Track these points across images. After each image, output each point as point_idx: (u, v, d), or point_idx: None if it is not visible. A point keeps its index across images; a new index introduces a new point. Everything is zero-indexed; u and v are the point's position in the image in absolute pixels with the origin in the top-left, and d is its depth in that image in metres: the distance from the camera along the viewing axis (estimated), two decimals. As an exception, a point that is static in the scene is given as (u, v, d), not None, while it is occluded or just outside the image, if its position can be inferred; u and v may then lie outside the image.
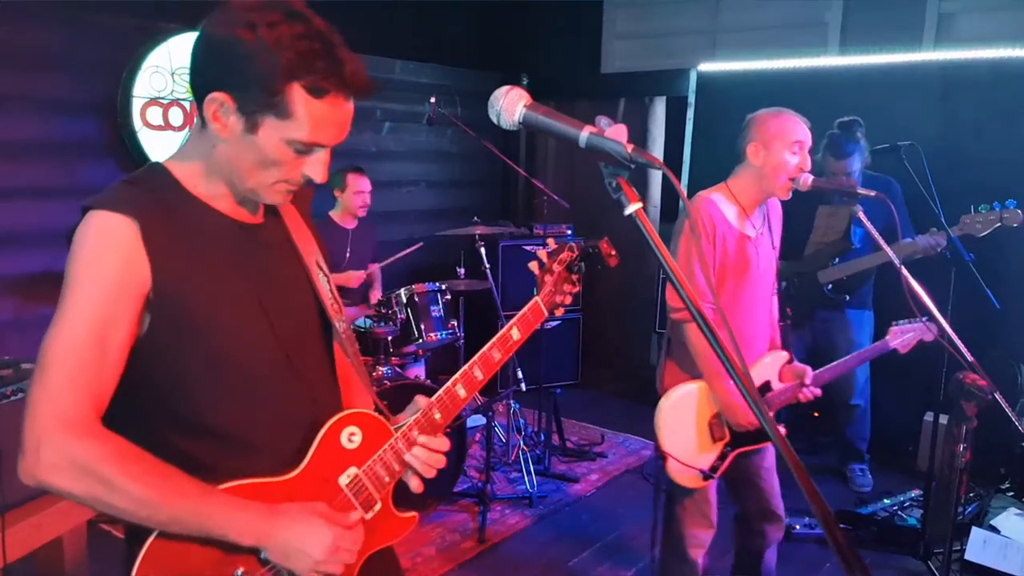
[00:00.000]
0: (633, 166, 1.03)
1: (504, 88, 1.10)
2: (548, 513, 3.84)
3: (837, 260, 3.85)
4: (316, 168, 1.24)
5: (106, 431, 1.14)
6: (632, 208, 1.04)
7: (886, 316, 3.86)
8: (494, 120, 1.11)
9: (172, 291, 1.18)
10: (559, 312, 1.62)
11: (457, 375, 1.48)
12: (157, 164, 1.28)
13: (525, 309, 1.57)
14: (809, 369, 2.54)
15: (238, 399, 1.27)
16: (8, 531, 2.29)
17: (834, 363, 2.63)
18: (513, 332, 1.54)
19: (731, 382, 2.37)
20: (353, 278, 4.18)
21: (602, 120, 1.05)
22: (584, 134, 1.05)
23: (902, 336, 2.59)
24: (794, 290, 3.96)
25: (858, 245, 3.79)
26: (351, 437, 1.37)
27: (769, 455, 2.67)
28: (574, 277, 1.62)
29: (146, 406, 1.23)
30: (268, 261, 1.33)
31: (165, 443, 1.20)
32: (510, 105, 1.09)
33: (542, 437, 4.41)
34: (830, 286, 3.86)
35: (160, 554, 1.18)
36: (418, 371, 4.30)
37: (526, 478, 4.02)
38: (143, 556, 1.17)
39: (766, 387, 2.56)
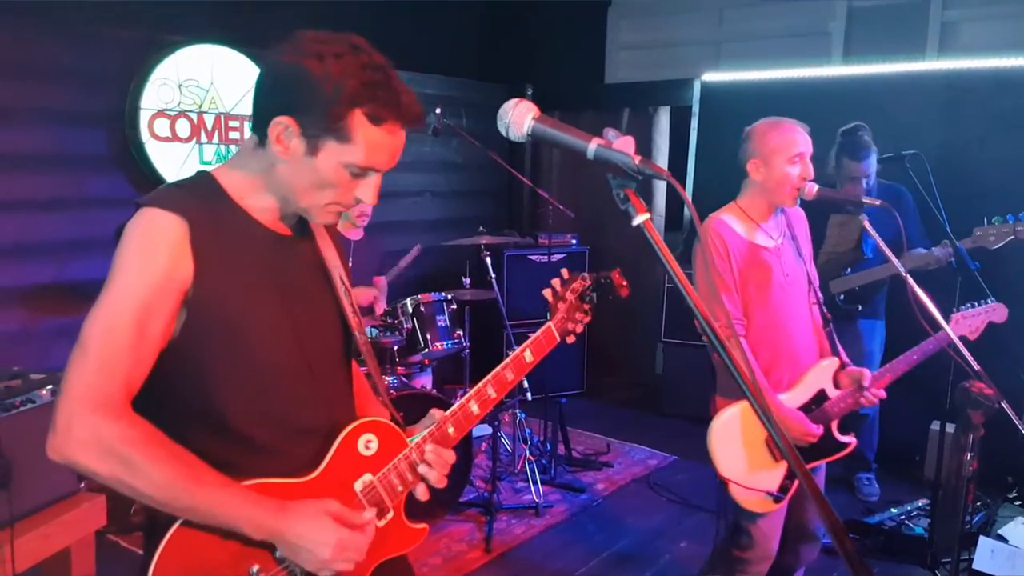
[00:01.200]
0: (641, 177, 1.04)
1: (513, 101, 1.12)
2: (554, 523, 3.83)
3: (849, 270, 3.85)
4: (368, 191, 1.31)
5: (135, 415, 1.19)
6: (640, 219, 1.05)
7: (897, 326, 3.88)
8: (503, 132, 1.12)
9: (209, 293, 1.24)
10: (570, 339, 1.68)
11: (471, 392, 1.54)
12: (205, 173, 1.35)
13: (538, 333, 1.63)
14: (867, 371, 2.43)
15: (260, 402, 1.32)
16: (17, 541, 2.30)
17: (893, 361, 2.48)
18: (526, 355, 1.60)
19: (777, 398, 2.38)
20: (362, 296, 4.18)
21: (609, 132, 1.06)
22: (592, 146, 1.06)
23: (967, 321, 2.46)
24: None
25: (870, 255, 3.77)
26: (368, 444, 1.42)
27: (819, 474, 2.60)
28: (586, 307, 1.69)
29: (172, 401, 1.28)
30: (299, 274, 1.39)
31: (188, 439, 1.24)
32: (519, 118, 1.11)
33: (548, 447, 4.41)
34: (842, 296, 3.86)
35: (180, 546, 1.22)
36: (424, 381, 4.31)
37: (532, 488, 4.02)
38: (163, 547, 1.21)
39: (822, 396, 2.47)
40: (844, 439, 2.50)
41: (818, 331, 2.57)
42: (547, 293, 1.66)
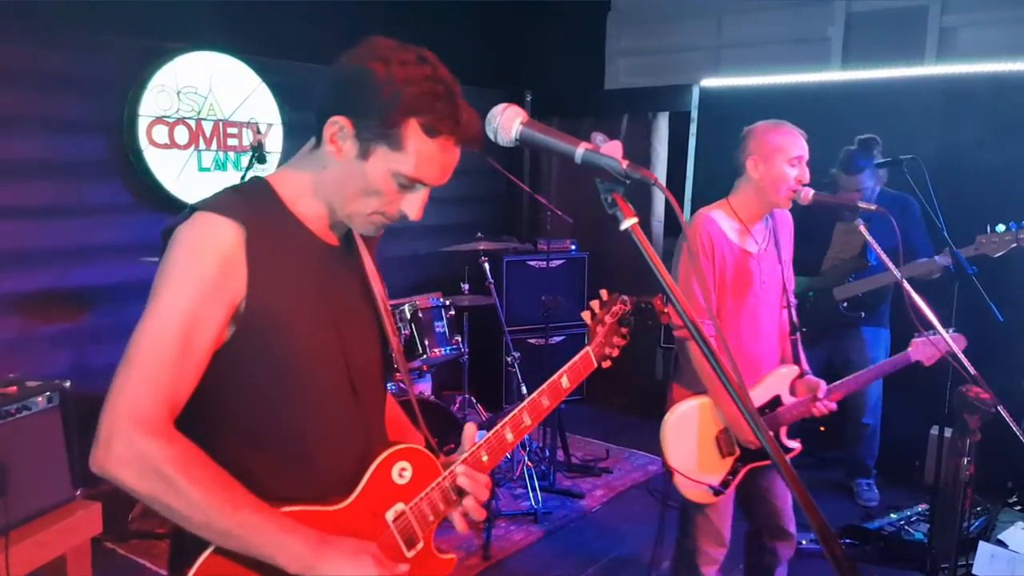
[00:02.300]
0: (628, 182, 1.04)
1: (501, 105, 1.12)
2: (553, 529, 3.82)
3: (853, 278, 3.85)
4: (414, 205, 1.28)
5: (177, 433, 1.16)
6: (628, 223, 1.05)
7: (902, 334, 3.87)
8: (491, 137, 1.12)
9: (262, 304, 1.21)
10: (606, 365, 1.63)
11: (506, 420, 1.49)
12: (261, 179, 1.32)
13: (576, 359, 1.58)
14: (823, 383, 2.50)
15: (301, 417, 1.29)
16: (12, 548, 2.30)
17: (849, 377, 2.57)
18: (563, 381, 1.55)
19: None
20: None
21: (597, 136, 1.06)
22: (580, 151, 1.06)
23: (925, 349, 2.51)
24: (810, 305, 3.95)
25: (874, 263, 3.79)
26: (402, 472, 1.37)
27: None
28: (623, 331, 1.64)
29: (211, 411, 1.25)
30: (347, 286, 1.37)
31: (223, 450, 1.21)
32: (507, 122, 1.10)
33: (547, 453, 4.40)
34: (845, 304, 3.87)
35: (212, 571, 1.19)
36: (423, 387, 4.30)
37: (531, 494, 4.01)
38: (196, 571, 1.18)
39: (776, 401, 2.53)
40: (790, 444, 2.58)
41: (784, 337, 2.63)
42: (586, 316, 1.61)
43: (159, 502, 1.13)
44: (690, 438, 2.50)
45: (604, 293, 1.63)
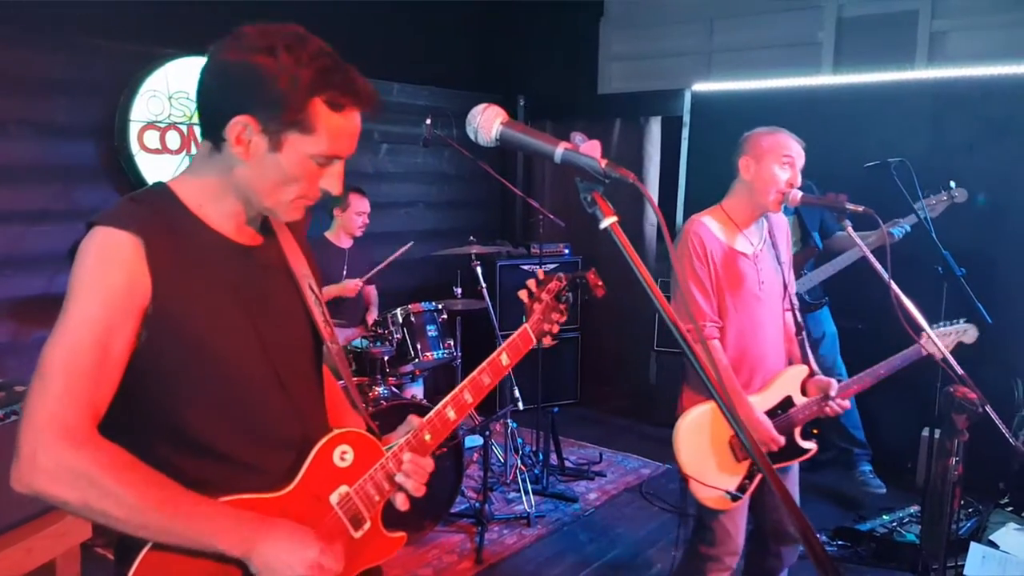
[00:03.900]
0: (608, 181, 1.05)
1: (481, 106, 1.12)
2: (546, 533, 3.82)
3: (808, 268, 3.94)
4: (333, 181, 1.29)
5: (102, 439, 1.15)
6: (607, 222, 1.05)
7: (886, 333, 3.89)
8: (472, 137, 1.13)
9: (170, 308, 1.21)
10: (547, 341, 1.67)
11: (447, 398, 1.51)
12: (161, 184, 1.31)
13: (514, 336, 1.61)
14: (834, 382, 2.49)
15: (230, 417, 1.29)
16: (1, 554, 2.28)
17: (860, 374, 2.54)
18: (503, 358, 1.58)
19: (747, 400, 2.43)
20: (349, 287, 4.17)
21: (576, 136, 1.07)
22: (559, 150, 1.07)
23: (939, 340, 2.44)
24: None
25: (820, 245, 3.96)
26: (343, 455, 1.38)
27: (792, 475, 2.63)
28: (562, 307, 1.67)
29: (141, 421, 1.24)
30: (264, 283, 1.35)
31: (159, 458, 1.21)
32: (487, 123, 1.11)
33: (540, 456, 4.40)
34: (807, 295, 3.95)
35: (152, 570, 1.19)
36: (416, 391, 4.30)
37: (524, 498, 4.01)
38: (135, 571, 1.18)
39: (788, 402, 2.52)
40: (805, 445, 2.57)
41: (789, 338, 2.62)
42: (522, 295, 1.65)
43: (93, 510, 1.12)
44: (704, 443, 2.45)
45: (540, 272, 1.67)
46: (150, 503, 1.14)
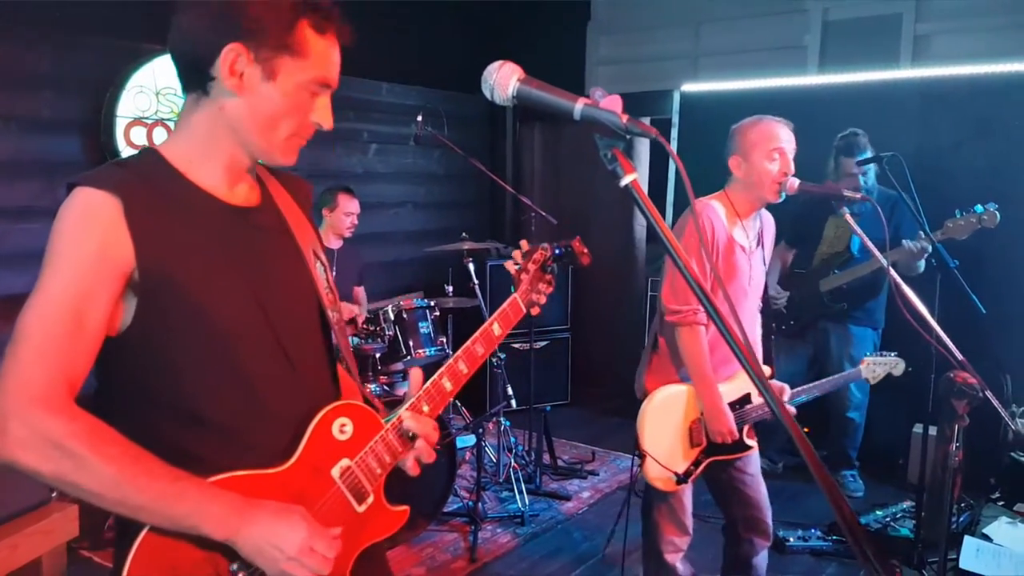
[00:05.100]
0: (628, 136, 1.04)
1: (497, 63, 1.10)
2: (539, 531, 3.79)
3: (837, 270, 3.95)
4: (324, 113, 1.27)
5: (79, 409, 1.10)
6: (628, 179, 1.04)
7: (891, 334, 3.94)
8: (487, 95, 1.10)
9: (158, 272, 1.16)
10: (535, 311, 1.68)
11: (443, 369, 1.49)
12: (149, 148, 1.27)
13: (504, 306, 1.62)
14: (787, 387, 2.58)
15: (229, 388, 1.23)
16: (-15, 549, 2.23)
17: (808, 385, 2.67)
18: (494, 327, 1.58)
19: (718, 388, 2.43)
20: (345, 312, 4.14)
21: (596, 91, 1.05)
22: (578, 106, 1.05)
23: (873, 369, 2.66)
24: (798, 298, 4.08)
25: (857, 255, 3.90)
26: (343, 428, 1.34)
27: (752, 462, 2.66)
28: (548, 277, 1.69)
29: (136, 396, 1.20)
30: (262, 246, 1.30)
31: (156, 434, 1.17)
32: (503, 79, 1.09)
33: (533, 456, 4.37)
34: (828, 295, 3.95)
35: (151, 553, 1.14)
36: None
37: (517, 497, 3.98)
38: (133, 555, 1.13)
39: (746, 399, 2.58)
40: (749, 442, 2.62)
41: (764, 337, 2.74)
42: (509, 265, 1.66)
43: (67, 482, 1.07)
44: (666, 424, 2.54)
45: (524, 244, 1.68)
46: (127, 478, 1.08)
